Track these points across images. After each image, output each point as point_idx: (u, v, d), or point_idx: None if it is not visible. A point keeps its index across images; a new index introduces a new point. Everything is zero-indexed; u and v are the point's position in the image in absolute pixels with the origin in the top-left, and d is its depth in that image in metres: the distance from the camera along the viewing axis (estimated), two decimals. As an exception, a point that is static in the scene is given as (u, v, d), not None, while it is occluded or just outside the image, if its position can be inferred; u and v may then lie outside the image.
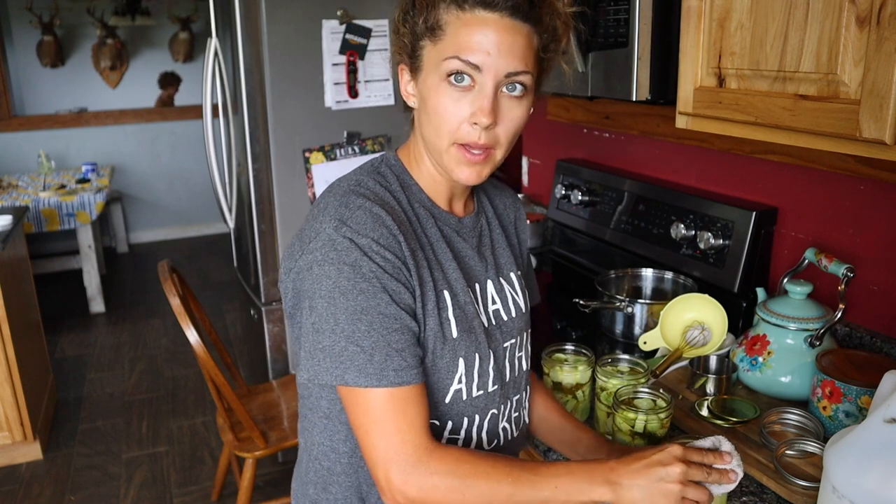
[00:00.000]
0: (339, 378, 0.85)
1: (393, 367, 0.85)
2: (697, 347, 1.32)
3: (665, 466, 0.82)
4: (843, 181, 1.41)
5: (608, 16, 1.34)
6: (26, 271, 3.20)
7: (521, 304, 1.09)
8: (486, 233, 1.06)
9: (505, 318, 1.04)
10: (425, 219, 0.96)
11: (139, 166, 5.80)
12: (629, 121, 1.97)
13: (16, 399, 2.72)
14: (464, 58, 0.85)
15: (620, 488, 0.82)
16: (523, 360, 1.09)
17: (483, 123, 0.87)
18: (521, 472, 0.84)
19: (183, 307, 2.02)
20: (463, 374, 0.95)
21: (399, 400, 0.85)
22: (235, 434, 2.22)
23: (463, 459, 0.85)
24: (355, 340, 0.85)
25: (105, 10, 5.47)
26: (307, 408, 1.01)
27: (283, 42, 2.34)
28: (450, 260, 0.96)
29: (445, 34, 0.87)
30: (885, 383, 0.86)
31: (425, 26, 0.88)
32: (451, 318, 0.93)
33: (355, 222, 0.87)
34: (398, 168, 0.98)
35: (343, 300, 0.85)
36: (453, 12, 0.86)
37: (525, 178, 2.59)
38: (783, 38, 1.02)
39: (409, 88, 0.94)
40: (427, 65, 0.89)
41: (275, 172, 2.46)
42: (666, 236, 1.76)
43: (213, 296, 4.61)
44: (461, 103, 0.87)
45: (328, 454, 0.98)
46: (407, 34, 0.91)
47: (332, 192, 0.93)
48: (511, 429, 1.05)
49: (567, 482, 0.83)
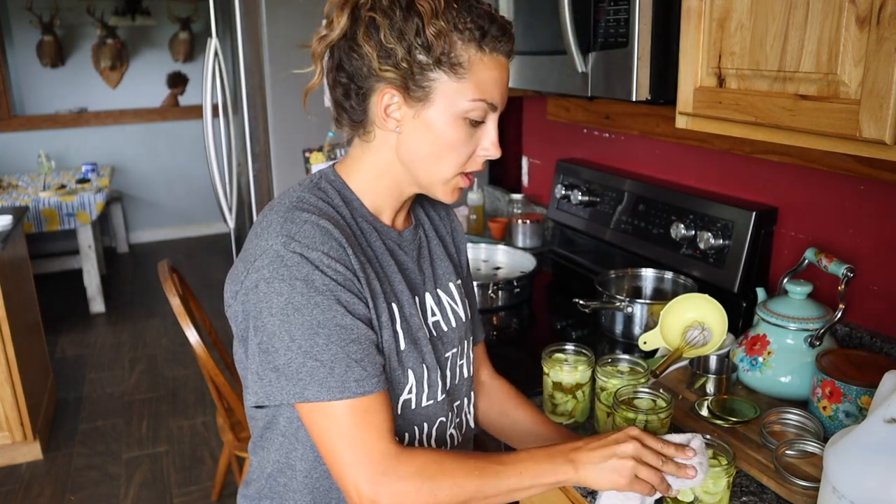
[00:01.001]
0: (298, 396, 0.84)
1: (354, 377, 0.85)
2: (697, 347, 1.32)
3: (620, 444, 0.86)
4: (843, 181, 1.41)
5: (608, 16, 1.34)
6: (26, 271, 3.20)
7: (461, 314, 1.10)
8: (425, 245, 1.07)
9: (445, 329, 1.05)
10: (369, 232, 0.97)
11: (139, 166, 5.80)
12: (629, 121, 1.98)
13: (16, 399, 2.72)
14: (489, 101, 0.90)
15: (580, 466, 0.86)
16: (465, 368, 1.10)
17: (495, 156, 0.94)
18: (486, 464, 0.87)
19: (183, 307, 2.02)
20: (413, 385, 0.97)
21: (362, 410, 0.85)
22: (235, 434, 2.22)
23: (429, 460, 0.86)
24: (314, 355, 0.84)
25: (105, 10, 5.48)
26: (261, 427, 0.99)
27: (283, 42, 2.34)
28: (395, 272, 0.98)
29: (469, 73, 0.88)
30: (885, 383, 0.86)
31: (441, 58, 0.87)
32: (399, 331, 0.95)
33: (303, 236, 0.86)
34: (338, 183, 0.97)
35: (298, 316, 0.84)
36: (474, 52, 0.88)
37: (525, 178, 2.59)
38: (783, 38, 1.02)
39: (393, 112, 0.91)
40: (440, 98, 0.89)
41: (275, 172, 2.46)
42: (666, 236, 1.76)
43: (213, 296, 4.61)
44: (473, 139, 0.93)
45: (285, 471, 0.98)
46: (403, 56, 0.86)
47: (273, 210, 0.91)
48: (457, 435, 1.08)
49: (531, 467, 0.87)
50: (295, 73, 1.04)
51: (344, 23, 0.89)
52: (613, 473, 0.86)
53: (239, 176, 2.71)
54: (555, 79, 1.55)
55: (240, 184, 2.73)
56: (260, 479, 1.01)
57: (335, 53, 0.93)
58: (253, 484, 1.03)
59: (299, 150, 2.48)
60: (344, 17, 0.89)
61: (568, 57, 1.43)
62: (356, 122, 0.95)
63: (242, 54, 2.38)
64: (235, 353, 0.98)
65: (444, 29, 0.86)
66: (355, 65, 0.90)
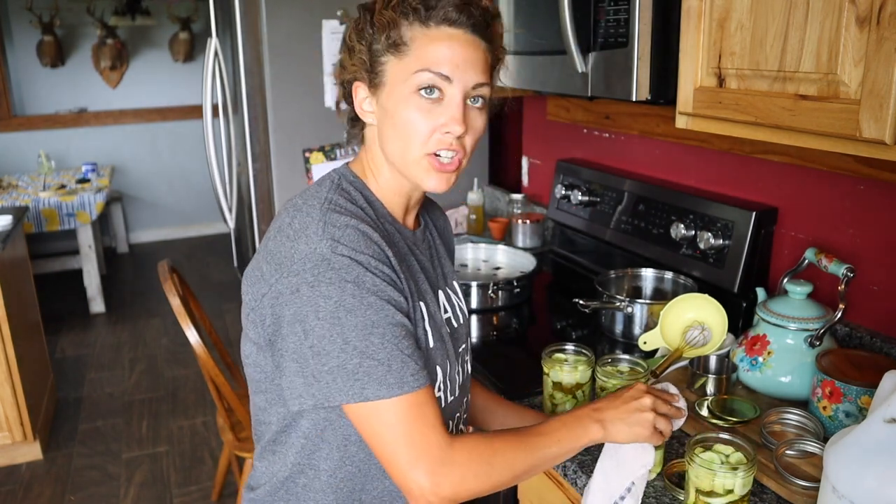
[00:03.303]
0: (357, 395, 0.85)
1: (410, 372, 0.86)
2: (697, 347, 1.32)
3: (638, 399, 0.97)
4: (843, 181, 1.41)
5: (608, 16, 1.34)
6: (26, 271, 3.20)
7: (465, 310, 1.13)
8: (433, 244, 1.10)
9: (456, 325, 1.07)
10: (392, 233, 0.98)
11: (139, 166, 5.80)
12: (629, 121, 1.98)
13: (16, 399, 2.72)
14: (435, 70, 0.89)
15: (609, 423, 0.95)
16: (468, 364, 1.13)
17: (456, 132, 0.90)
18: (527, 437, 0.92)
19: (183, 307, 2.02)
20: (441, 382, 0.98)
21: (417, 404, 0.86)
22: (235, 434, 2.22)
23: (480, 443, 0.89)
24: (370, 354, 0.85)
25: (105, 10, 5.47)
26: (275, 431, 0.98)
27: (283, 42, 2.34)
28: (418, 272, 1.00)
29: (411, 49, 0.90)
30: (885, 383, 0.86)
31: (387, 42, 0.90)
32: (427, 329, 0.96)
33: (348, 240, 0.87)
34: (359, 184, 0.98)
35: (350, 317, 0.84)
36: (418, 28, 0.89)
37: (525, 178, 2.59)
38: (783, 39, 1.02)
39: (365, 105, 0.96)
40: (392, 80, 0.91)
41: (275, 172, 2.46)
42: (666, 236, 1.76)
43: (213, 296, 4.61)
44: (432, 114, 0.90)
45: (305, 472, 0.98)
46: (364, 51, 0.92)
47: (303, 212, 0.91)
48: (464, 430, 1.11)
49: (565, 433, 0.94)
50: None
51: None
52: (637, 426, 0.95)
53: (239, 176, 2.71)
54: (555, 79, 1.55)
55: (240, 184, 2.73)
56: (272, 483, 1.01)
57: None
58: (263, 487, 1.02)
59: (299, 150, 2.48)
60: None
61: (568, 57, 1.43)
62: (354, 122, 1.01)
63: (242, 54, 2.38)
64: (248, 355, 0.97)
65: (391, 17, 0.90)
66: (344, 74, 0.97)
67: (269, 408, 0.98)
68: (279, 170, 2.47)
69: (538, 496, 1.31)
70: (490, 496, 1.37)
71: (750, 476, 0.95)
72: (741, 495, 0.95)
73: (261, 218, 2.53)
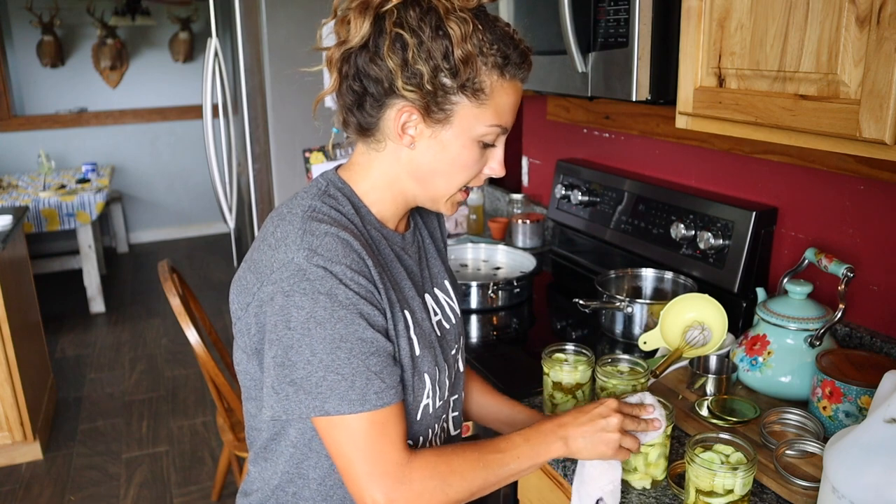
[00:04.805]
0: (318, 409, 0.84)
1: (374, 390, 0.85)
2: (697, 347, 1.32)
3: (605, 418, 0.94)
4: (843, 181, 1.41)
5: (608, 16, 1.34)
6: (26, 271, 3.20)
7: (457, 311, 1.12)
8: (422, 246, 1.08)
9: (447, 327, 1.06)
10: (378, 240, 0.96)
11: (139, 166, 5.80)
12: (629, 121, 1.98)
13: (16, 399, 2.72)
14: (504, 126, 0.92)
15: (571, 441, 0.94)
16: (460, 363, 1.12)
17: (499, 175, 0.96)
18: (487, 454, 0.92)
19: (183, 307, 2.02)
20: (430, 389, 0.97)
21: (379, 423, 0.85)
22: (235, 434, 2.22)
23: (438, 461, 0.89)
24: (335, 369, 0.83)
25: (105, 10, 5.47)
26: (266, 438, 0.98)
27: (283, 42, 2.34)
28: (404, 278, 0.98)
29: (489, 99, 0.89)
30: (885, 383, 0.86)
31: (465, 83, 0.87)
32: (413, 337, 0.95)
33: (326, 249, 0.85)
34: (347, 190, 0.96)
35: (319, 330, 0.83)
36: (495, 77, 0.89)
37: (525, 178, 2.59)
38: (783, 39, 1.02)
39: (409, 129, 0.90)
40: (461, 122, 0.90)
41: (275, 172, 2.46)
42: (666, 236, 1.76)
43: (213, 296, 4.61)
44: (482, 159, 0.95)
45: (295, 480, 0.97)
46: (426, 76, 0.86)
47: (286, 221, 0.89)
48: (452, 428, 1.11)
49: (526, 449, 0.93)
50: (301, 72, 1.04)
51: (365, 30, 0.86)
52: (601, 445, 0.94)
53: (239, 176, 2.71)
54: (555, 79, 1.55)
55: (240, 184, 2.73)
56: (264, 490, 1.01)
57: (351, 61, 0.90)
58: (255, 494, 1.02)
59: (299, 150, 2.48)
60: (365, 25, 0.86)
61: (568, 57, 1.43)
62: (365, 129, 0.94)
63: (242, 54, 2.38)
64: (239, 363, 0.97)
65: (471, 54, 0.86)
66: (374, 76, 0.88)
67: (258, 415, 0.98)
68: (279, 170, 2.47)
69: (538, 496, 1.31)
70: (490, 496, 1.37)
71: (750, 476, 0.95)
72: (741, 495, 0.95)
73: (261, 218, 2.53)
